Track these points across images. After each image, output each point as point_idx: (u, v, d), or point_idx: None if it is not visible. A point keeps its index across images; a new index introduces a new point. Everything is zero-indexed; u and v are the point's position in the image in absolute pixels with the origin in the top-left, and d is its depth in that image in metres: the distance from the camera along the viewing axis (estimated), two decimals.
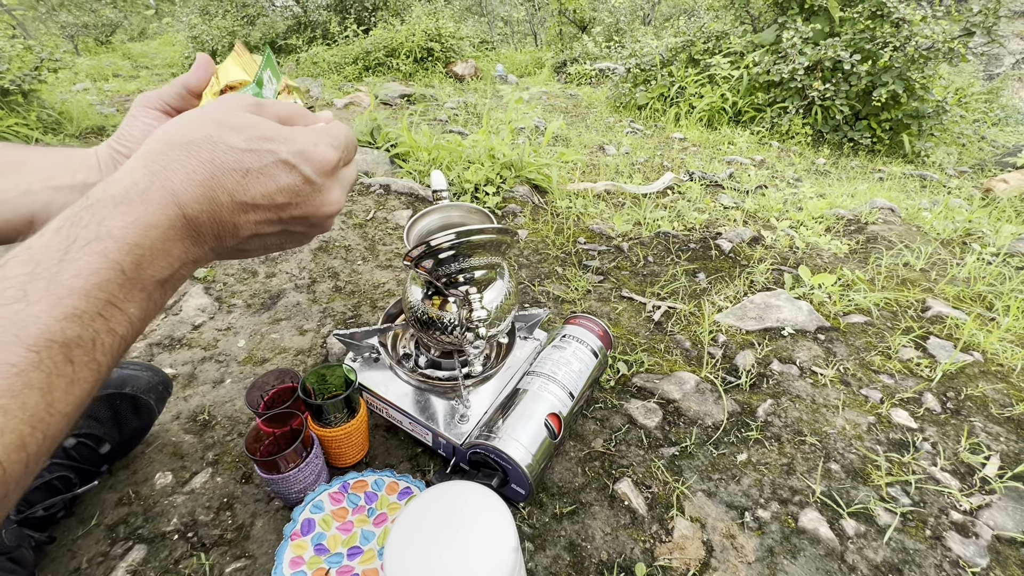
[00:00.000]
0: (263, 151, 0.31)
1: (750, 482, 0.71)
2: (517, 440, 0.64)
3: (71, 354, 0.25)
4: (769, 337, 1.01)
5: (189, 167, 0.30)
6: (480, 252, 0.51)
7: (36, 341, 0.24)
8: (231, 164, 0.31)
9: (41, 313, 0.24)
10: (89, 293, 0.26)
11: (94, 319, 0.26)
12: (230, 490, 0.70)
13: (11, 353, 0.23)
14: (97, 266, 0.26)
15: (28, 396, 0.23)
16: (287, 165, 0.32)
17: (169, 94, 0.46)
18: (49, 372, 0.24)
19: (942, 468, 0.74)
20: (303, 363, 0.92)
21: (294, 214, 0.34)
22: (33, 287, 0.25)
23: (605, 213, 1.62)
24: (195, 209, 0.30)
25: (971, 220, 1.67)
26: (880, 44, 3.21)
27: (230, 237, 0.33)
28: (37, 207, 0.43)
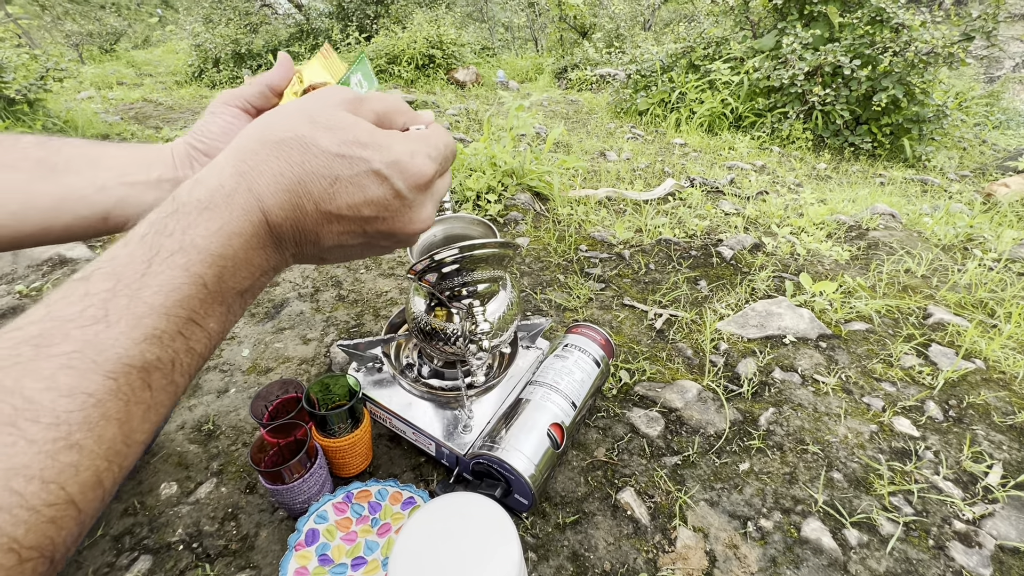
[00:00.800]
0: (355, 158, 0.29)
1: (752, 491, 0.71)
2: (520, 450, 0.65)
3: (150, 378, 0.24)
4: (771, 345, 1.01)
5: (277, 169, 0.28)
6: (483, 266, 0.51)
7: (114, 367, 0.23)
8: (320, 169, 0.29)
9: (120, 336, 0.23)
10: (170, 311, 0.25)
11: (174, 339, 0.25)
12: (235, 500, 0.71)
13: (89, 382, 0.22)
14: (180, 281, 0.25)
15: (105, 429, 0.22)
16: (379, 176, 0.30)
17: (251, 92, 0.46)
18: (127, 400, 0.23)
19: (944, 477, 0.74)
20: (307, 372, 0.93)
21: (380, 228, 0.32)
22: (114, 305, 0.23)
23: (606, 220, 1.62)
24: (279, 216, 0.29)
25: (972, 225, 1.68)
26: (880, 49, 3.22)
27: (311, 245, 0.31)
28: (112, 203, 0.43)
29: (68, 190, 0.42)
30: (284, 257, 0.31)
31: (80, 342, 0.22)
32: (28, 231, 0.42)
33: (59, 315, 0.23)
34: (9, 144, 0.42)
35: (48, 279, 1.21)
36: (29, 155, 0.42)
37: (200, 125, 0.46)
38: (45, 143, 0.43)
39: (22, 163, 0.41)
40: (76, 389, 0.21)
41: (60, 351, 0.22)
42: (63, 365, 0.22)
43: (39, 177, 0.41)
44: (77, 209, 0.42)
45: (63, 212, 0.42)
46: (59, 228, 0.42)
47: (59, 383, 0.21)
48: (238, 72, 5.62)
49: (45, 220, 0.41)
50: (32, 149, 0.42)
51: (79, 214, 0.42)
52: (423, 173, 0.31)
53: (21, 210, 0.41)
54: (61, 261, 1.29)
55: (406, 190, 0.31)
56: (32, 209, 0.41)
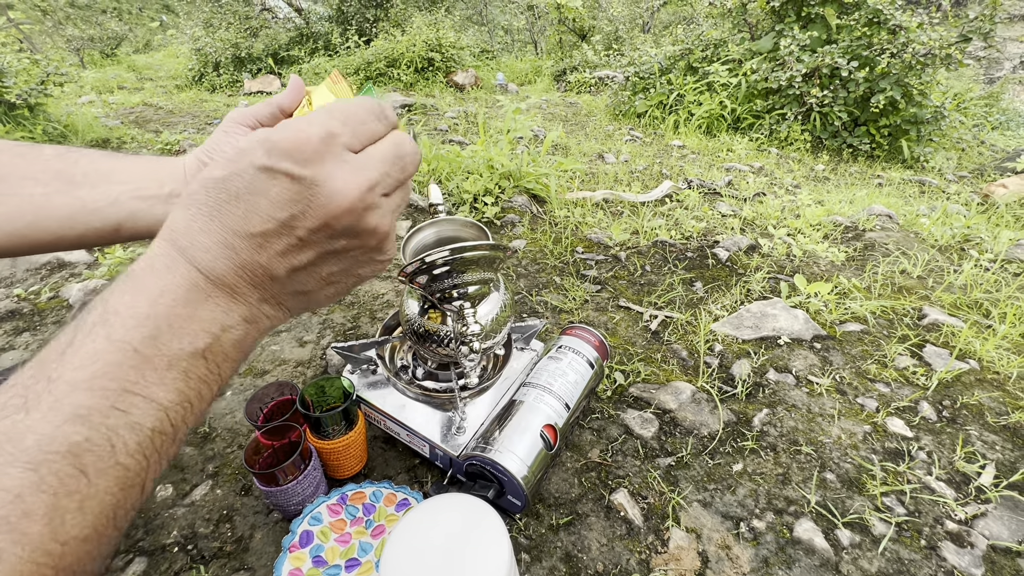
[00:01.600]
0: (241, 166, 0.26)
1: (745, 492, 0.72)
2: (513, 452, 0.65)
3: (80, 463, 0.22)
4: (765, 346, 1.02)
5: (189, 216, 0.27)
6: (474, 268, 0.52)
7: (33, 456, 0.20)
8: (221, 197, 0.26)
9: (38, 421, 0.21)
10: (94, 385, 0.22)
11: (107, 415, 0.23)
12: (230, 502, 0.71)
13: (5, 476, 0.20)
14: (101, 350, 0.23)
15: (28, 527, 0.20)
16: (265, 170, 0.26)
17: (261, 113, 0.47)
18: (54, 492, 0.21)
19: (937, 477, 0.74)
20: (302, 375, 0.93)
21: (309, 226, 0.27)
22: (33, 391, 0.22)
23: (603, 222, 1.63)
24: (208, 261, 0.26)
25: (969, 226, 1.68)
26: (877, 51, 3.23)
27: (269, 282, 0.28)
28: (124, 216, 0.44)
29: (82, 203, 0.43)
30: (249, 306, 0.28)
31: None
32: (43, 240, 0.43)
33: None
34: (32, 155, 0.43)
35: (46, 282, 1.22)
36: (49, 167, 0.43)
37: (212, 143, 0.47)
38: (64, 155, 0.44)
39: (42, 175, 0.43)
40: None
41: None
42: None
43: (56, 190, 0.43)
44: (90, 221, 0.43)
45: (77, 223, 0.43)
46: (72, 237, 0.43)
47: None
48: (238, 76, 5.65)
49: (59, 230, 0.43)
50: (52, 161, 0.43)
51: (92, 226, 0.43)
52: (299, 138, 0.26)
53: (36, 220, 0.42)
54: (59, 265, 1.30)
55: (294, 167, 0.26)
56: (48, 220, 0.42)
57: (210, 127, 3.30)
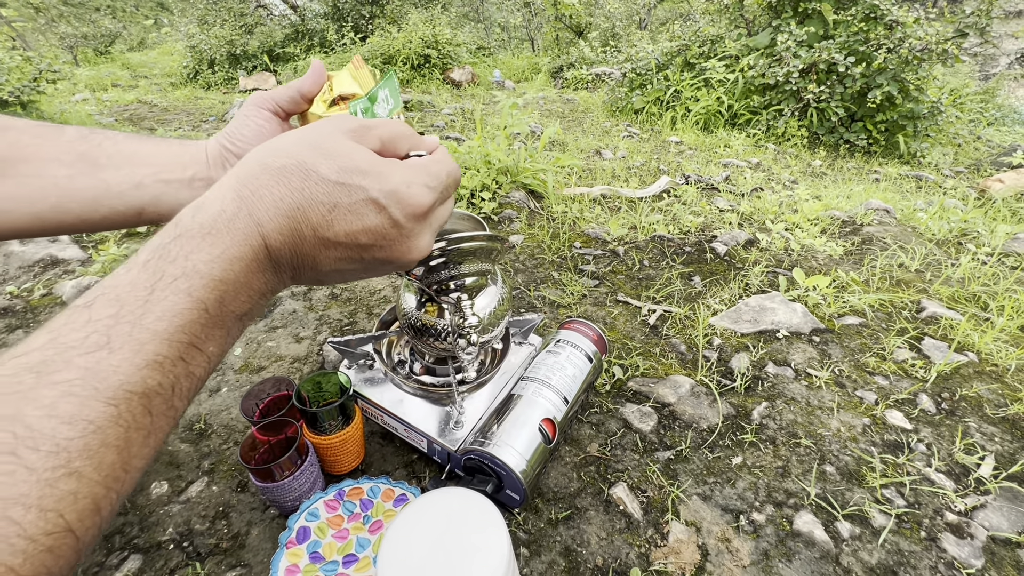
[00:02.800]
0: (354, 186, 0.30)
1: (745, 485, 0.71)
2: (511, 446, 0.64)
3: (150, 404, 0.24)
4: (764, 340, 1.01)
5: (277, 194, 0.29)
6: (471, 260, 0.51)
7: (115, 394, 0.23)
8: (319, 196, 0.29)
9: (123, 362, 0.23)
10: (172, 337, 0.25)
11: (175, 364, 0.25)
12: (226, 499, 0.70)
13: (90, 409, 0.22)
14: (183, 307, 0.25)
15: (105, 455, 0.22)
16: (376, 205, 0.30)
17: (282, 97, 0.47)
18: (128, 426, 0.23)
19: (937, 469, 0.74)
20: (299, 371, 0.92)
21: (376, 256, 0.32)
22: (116, 332, 0.24)
23: (601, 217, 1.62)
24: (278, 241, 0.29)
25: (966, 220, 1.68)
26: (874, 46, 3.23)
27: (308, 269, 0.32)
28: (147, 199, 0.44)
29: (107, 185, 0.43)
30: (282, 280, 0.32)
31: (82, 370, 0.22)
32: (67, 221, 0.43)
33: (62, 342, 0.23)
34: (54, 136, 0.43)
35: (39, 279, 1.21)
36: (73, 148, 0.43)
37: (233, 127, 0.47)
38: (88, 136, 0.44)
39: (65, 156, 0.43)
40: (77, 417, 0.21)
41: (62, 378, 0.22)
42: (65, 392, 0.22)
43: (80, 172, 0.43)
44: (114, 204, 0.43)
45: (101, 206, 0.43)
46: (96, 219, 0.44)
47: (60, 411, 0.21)
48: (233, 73, 5.61)
49: (83, 212, 0.43)
50: (76, 143, 0.43)
51: (115, 208, 0.44)
52: (420, 203, 0.32)
53: (60, 203, 0.42)
54: (53, 262, 1.28)
55: (403, 219, 0.31)
56: (72, 202, 0.42)
57: (205, 124, 3.28)
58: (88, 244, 1.38)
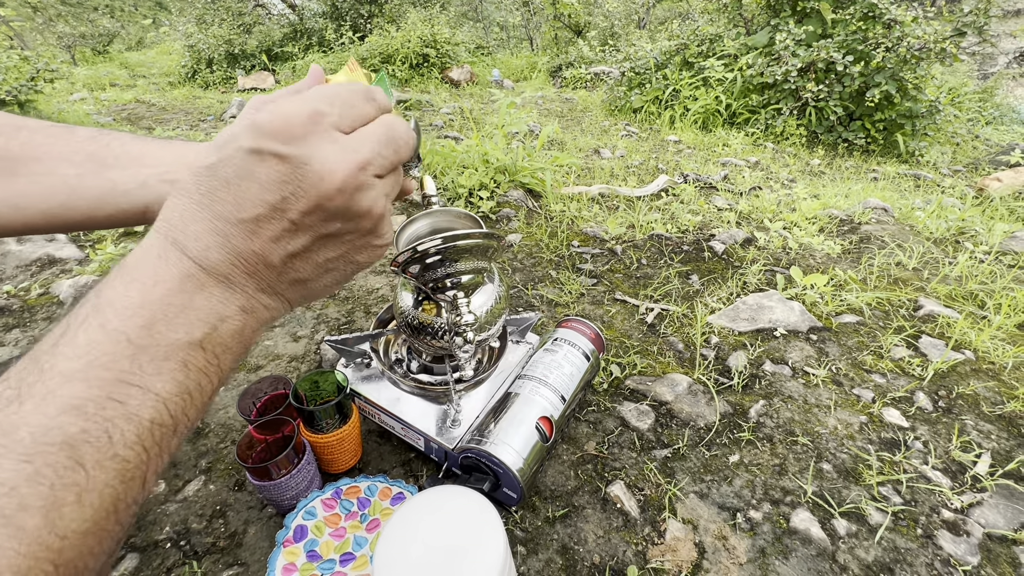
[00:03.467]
0: (229, 151, 0.26)
1: (742, 483, 0.71)
2: (508, 444, 0.64)
3: (78, 455, 0.21)
4: (761, 338, 1.01)
5: (181, 204, 0.26)
6: (467, 257, 0.51)
7: (28, 448, 0.20)
8: (214, 184, 0.26)
9: (33, 411, 0.21)
10: (89, 376, 0.22)
11: (103, 406, 0.22)
12: (223, 498, 0.70)
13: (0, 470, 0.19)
14: (95, 340, 0.23)
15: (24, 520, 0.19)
16: (252, 152, 0.26)
17: None
18: (51, 484, 0.20)
19: (933, 467, 0.74)
20: (296, 369, 0.92)
21: (301, 208, 0.27)
22: (26, 383, 0.22)
23: (599, 216, 1.62)
24: (200, 250, 0.26)
25: (964, 219, 1.68)
26: (872, 45, 3.23)
27: (265, 270, 0.28)
28: (152, 199, 0.45)
29: (113, 184, 0.44)
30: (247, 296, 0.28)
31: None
32: (75, 219, 0.45)
33: None
34: (66, 137, 0.45)
35: (36, 279, 1.20)
36: (83, 149, 0.45)
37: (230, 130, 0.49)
38: (96, 137, 0.46)
39: (75, 156, 0.44)
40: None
41: None
42: None
43: (89, 171, 0.44)
44: (120, 203, 0.45)
45: (107, 204, 0.45)
46: (102, 217, 0.45)
47: None
48: (231, 73, 5.60)
49: (90, 210, 0.44)
50: (86, 143, 0.45)
51: (121, 207, 0.45)
52: (285, 116, 0.26)
53: (69, 200, 0.44)
54: (50, 261, 1.28)
55: (281, 146, 0.25)
56: (80, 200, 0.44)
57: (203, 123, 3.28)
58: (85, 243, 1.38)
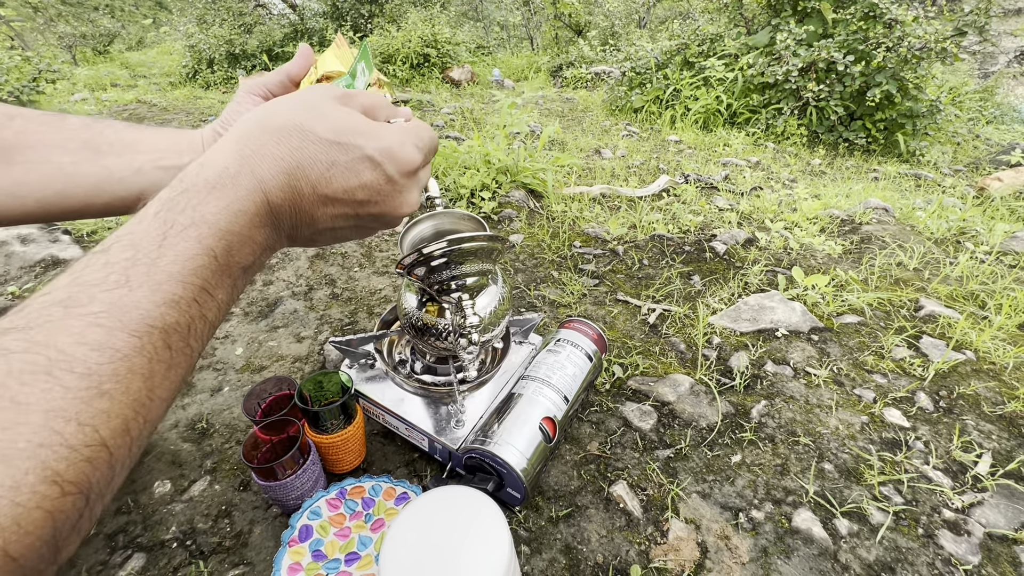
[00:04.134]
0: (351, 145, 0.32)
1: (744, 483, 0.72)
2: (512, 444, 0.65)
3: (169, 340, 0.26)
4: (763, 338, 1.02)
5: (277, 153, 0.30)
6: (472, 260, 0.52)
7: (138, 327, 0.24)
8: (318, 155, 0.31)
9: (142, 299, 0.25)
10: (186, 279, 0.27)
11: (190, 305, 0.27)
12: (228, 497, 0.71)
13: (116, 338, 0.24)
14: (193, 252, 0.27)
15: (131, 381, 0.24)
16: (372, 162, 0.32)
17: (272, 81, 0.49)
18: (150, 358, 0.25)
19: (934, 466, 0.74)
20: (300, 370, 0.93)
21: (371, 211, 0.34)
22: (135, 272, 0.25)
23: (601, 217, 1.63)
24: (279, 197, 0.31)
25: (965, 219, 1.68)
26: (873, 45, 3.23)
27: (306, 227, 0.33)
28: (146, 185, 0.46)
29: (108, 172, 0.45)
30: (280, 237, 0.33)
31: (106, 303, 0.24)
32: (71, 207, 0.45)
33: (84, 280, 0.25)
34: (58, 124, 0.45)
35: (40, 280, 1.21)
36: (77, 136, 0.45)
37: (227, 114, 0.50)
38: (90, 125, 0.47)
39: (70, 144, 0.45)
40: (104, 344, 0.23)
41: (88, 311, 0.23)
42: (91, 323, 0.23)
43: (84, 159, 0.45)
44: (115, 190, 0.46)
45: (103, 192, 0.45)
46: (99, 205, 0.46)
47: (88, 338, 0.23)
48: (232, 73, 5.60)
49: (87, 198, 0.45)
50: (79, 131, 0.46)
51: (117, 194, 0.46)
52: (412, 160, 0.34)
53: (65, 188, 0.44)
54: (54, 262, 1.29)
55: (397, 175, 0.33)
56: (76, 188, 0.44)
57: (204, 124, 3.28)
58: (89, 244, 1.38)
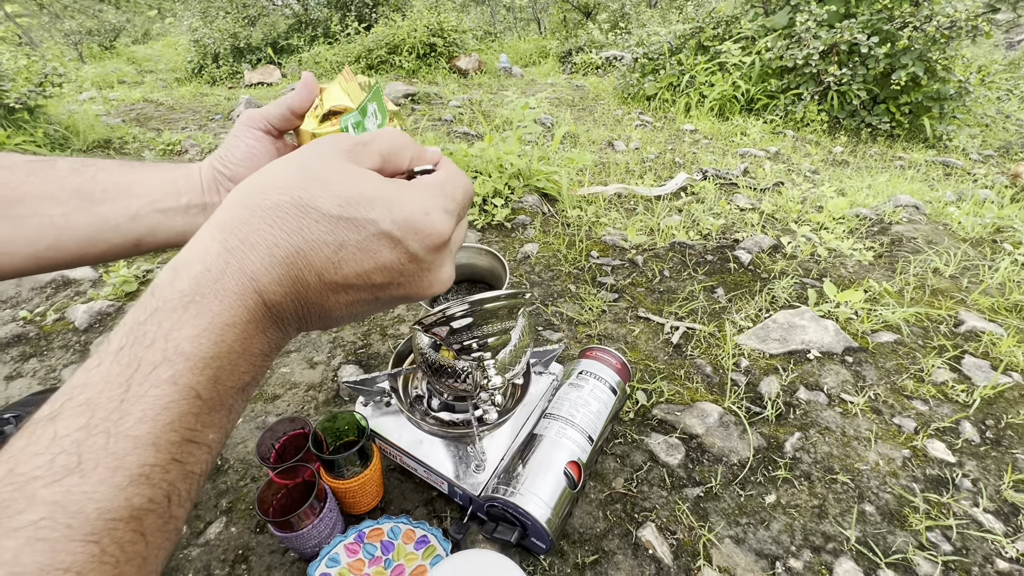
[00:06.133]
0: (361, 220, 0.25)
1: (780, 527, 0.68)
2: (536, 494, 0.62)
3: (142, 527, 0.21)
4: (794, 361, 0.97)
5: (271, 239, 0.25)
6: (494, 319, 0.48)
7: (94, 527, 0.19)
8: (322, 236, 0.25)
9: (99, 485, 0.20)
10: (160, 439, 0.21)
11: (167, 470, 0.21)
12: (245, 541, 0.69)
13: (65, 554, 0.18)
14: (167, 400, 0.22)
15: None
16: (390, 239, 0.26)
17: (273, 114, 0.45)
18: (116, 561, 0.20)
19: (984, 509, 0.70)
20: (314, 399, 0.91)
21: (393, 294, 0.28)
22: (89, 447, 0.20)
23: (618, 221, 1.57)
24: (277, 293, 0.25)
25: (1001, 216, 1.60)
26: (899, 24, 3.08)
27: (316, 318, 0.28)
28: (144, 230, 0.43)
29: (103, 220, 0.42)
30: (287, 333, 0.28)
31: (50, 505, 0.19)
32: (65, 259, 0.42)
33: (22, 472, 0.19)
34: (47, 172, 0.42)
35: (52, 302, 1.20)
36: (67, 184, 0.42)
37: (224, 149, 0.46)
38: (80, 170, 0.43)
39: (60, 193, 0.41)
40: (48, 568, 0.18)
41: (25, 521, 0.18)
42: (30, 539, 0.18)
43: (76, 208, 0.42)
44: (111, 238, 0.43)
45: (98, 241, 0.42)
46: (94, 255, 0.43)
47: (25, 566, 0.18)
48: (238, 67, 5.55)
49: (80, 249, 0.42)
50: (69, 177, 0.42)
51: (113, 242, 0.43)
52: (440, 232, 0.27)
53: (57, 242, 0.41)
54: (64, 283, 1.28)
55: (422, 252, 0.27)
56: (69, 240, 0.41)
57: (211, 123, 3.25)
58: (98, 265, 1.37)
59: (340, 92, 0.44)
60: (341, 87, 0.44)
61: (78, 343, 1.06)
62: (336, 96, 0.43)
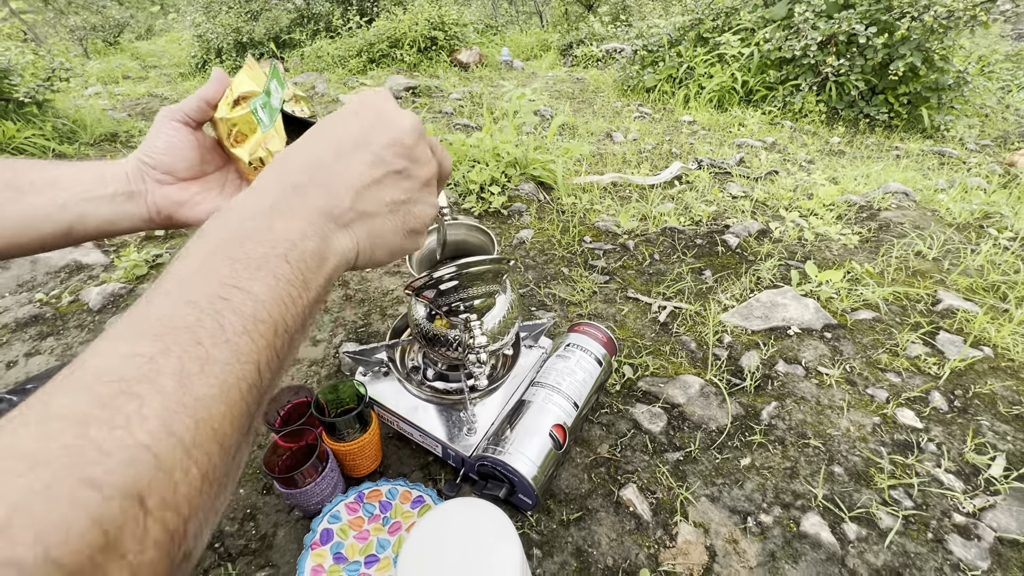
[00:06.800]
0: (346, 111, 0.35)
1: (753, 487, 0.73)
2: (523, 453, 0.67)
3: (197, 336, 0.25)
4: (775, 337, 1.01)
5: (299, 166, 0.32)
6: (479, 283, 0.52)
7: (158, 330, 0.24)
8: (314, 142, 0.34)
9: (156, 306, 0.25)
10: (196, 279, 0.27)
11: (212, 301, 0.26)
12: (252, 501, 0.74)
13: (141, 343, 0.23)
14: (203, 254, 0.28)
15: (163, 381, 0.23)
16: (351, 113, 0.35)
17: (190, 107, 0.49)
18: (179, 355, 0.24)
19: (946, 469, 0.74)
20: (317, 374, 0.95)
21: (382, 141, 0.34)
22: (151, 293, 0.26)
23: (612, 208, 1.61)
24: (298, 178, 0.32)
25: (989, 202, 1.63)
26: (897, 15, 3.09)
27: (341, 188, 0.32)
28: (72, 218, 0.47)
29: (33, 209, 0.46)
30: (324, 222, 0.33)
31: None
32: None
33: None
34: None
35: (66, 285, 1.25)
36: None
37: (147, 142, 0.50)
38: (11, 166, 0.47)
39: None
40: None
41: None
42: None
43: (7, 199, 0.45)
44: (42, 227, 0.46)
45: (29, 229, 0.46)
46: (26, 242, 0.47)
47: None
48: (241, 62, 5.59)
49: (13, 237, 0.46)
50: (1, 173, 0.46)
51: (43, 231, 0.46)
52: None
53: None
54: (78, 267, 1.33)
55: (367, 105, 0.35)
56: (3, 229, 0.45)
57: None
58: (110, 249, 1.42)
59: (247, 79, 0.49)
60: (247, 75, 0.49)
61: (92, 323, 1.11)
62: (244, 83, 0.48)
